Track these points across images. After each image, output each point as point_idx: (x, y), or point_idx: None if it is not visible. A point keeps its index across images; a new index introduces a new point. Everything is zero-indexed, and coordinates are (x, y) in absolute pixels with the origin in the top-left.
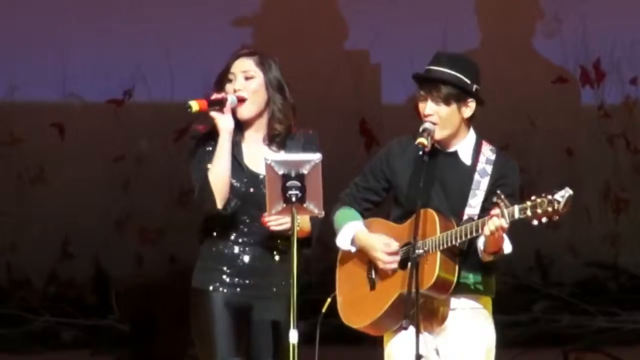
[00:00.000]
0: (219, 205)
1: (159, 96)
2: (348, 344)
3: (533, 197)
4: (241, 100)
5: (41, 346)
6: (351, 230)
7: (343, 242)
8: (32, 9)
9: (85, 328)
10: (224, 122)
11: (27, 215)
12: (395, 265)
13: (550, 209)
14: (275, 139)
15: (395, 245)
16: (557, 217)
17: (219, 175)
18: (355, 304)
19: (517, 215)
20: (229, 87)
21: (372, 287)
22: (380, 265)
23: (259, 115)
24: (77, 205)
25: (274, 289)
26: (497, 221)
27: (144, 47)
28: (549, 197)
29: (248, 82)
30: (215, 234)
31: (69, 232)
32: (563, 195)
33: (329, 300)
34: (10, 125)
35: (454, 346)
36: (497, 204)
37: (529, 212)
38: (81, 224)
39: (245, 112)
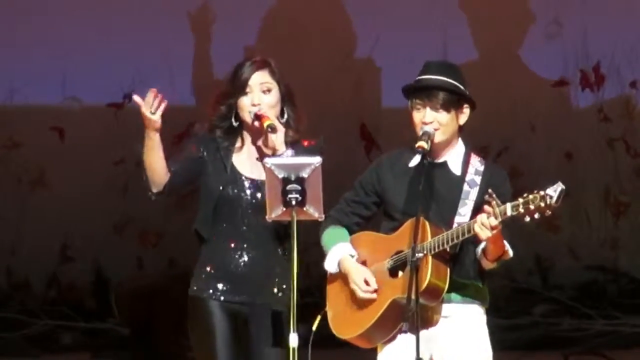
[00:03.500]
0: (154, 189)
1: None
2: (345, 348)
3: (525, 194)
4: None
5: (41, 349)
6: (337, 255)
7: (330, 265)
8: (32, 12)
9: (85, 331)
10: (155, 122)
11: (27, 218)
12: (368, 296)
13: (542, 204)
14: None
15: (373, 283)
16: (550, 212)
17: (149, 167)
18: (346, 315)
19: (509, 213)
20: (246, 100)
21: (362, 299)
22: (359, 294)
23: None
24: (77, 209)
25: (271, 296)
26: (486, 218)
27: (143, 50)
28: (541, 192)
29: (266, 95)
30: (206, 239)
31: (69, 236)
32: (555, 189)
33: (319, 317)
34: (10, 129)
35: (449, 353)
36: (488, 203)
37: (521, 209)
38: (81, 227)
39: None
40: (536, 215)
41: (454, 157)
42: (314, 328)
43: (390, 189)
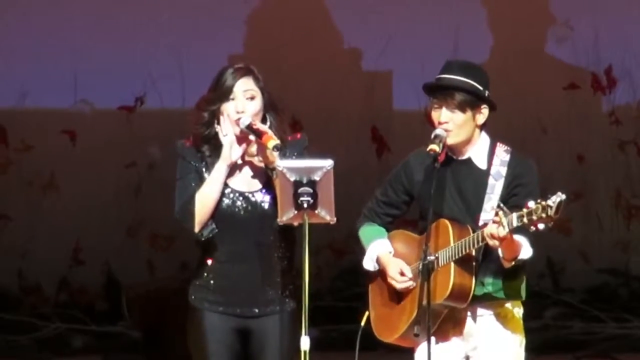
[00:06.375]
0: (196, 228)
1: (170, 103)
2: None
3: (529, 204)
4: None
5: (52, 353)
6: (374, 252)
7: (368, 263)
8: (44, 15)
9: (96, 334)
10: (233, 154)
11: (38, 222)
12: (405, 285)
13: (544, 215)
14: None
15: (408, 272)
16: (552, 223)
17: (206, 200)
18: (385, 319)
19: (515, 223)
20: (229, 106)
21: (398, 301)
22: (396, 285)
23: None
24: (88, 212)
25: (268, 308)
26: (495, 228)
27: (155, 54)
28: (543, 203)
29: (250, 102)
30: (205, 251)
31: (80, 239)
32: (554, 200)
33: (367, 313)
34: (21, 132)
35: (483, 353)
36: (497, 213)
37: (525, 220)
38: (92, 230)
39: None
40: (540, 226)
41: (477, 151)
42: (362, 324)
43: (420, 187)
